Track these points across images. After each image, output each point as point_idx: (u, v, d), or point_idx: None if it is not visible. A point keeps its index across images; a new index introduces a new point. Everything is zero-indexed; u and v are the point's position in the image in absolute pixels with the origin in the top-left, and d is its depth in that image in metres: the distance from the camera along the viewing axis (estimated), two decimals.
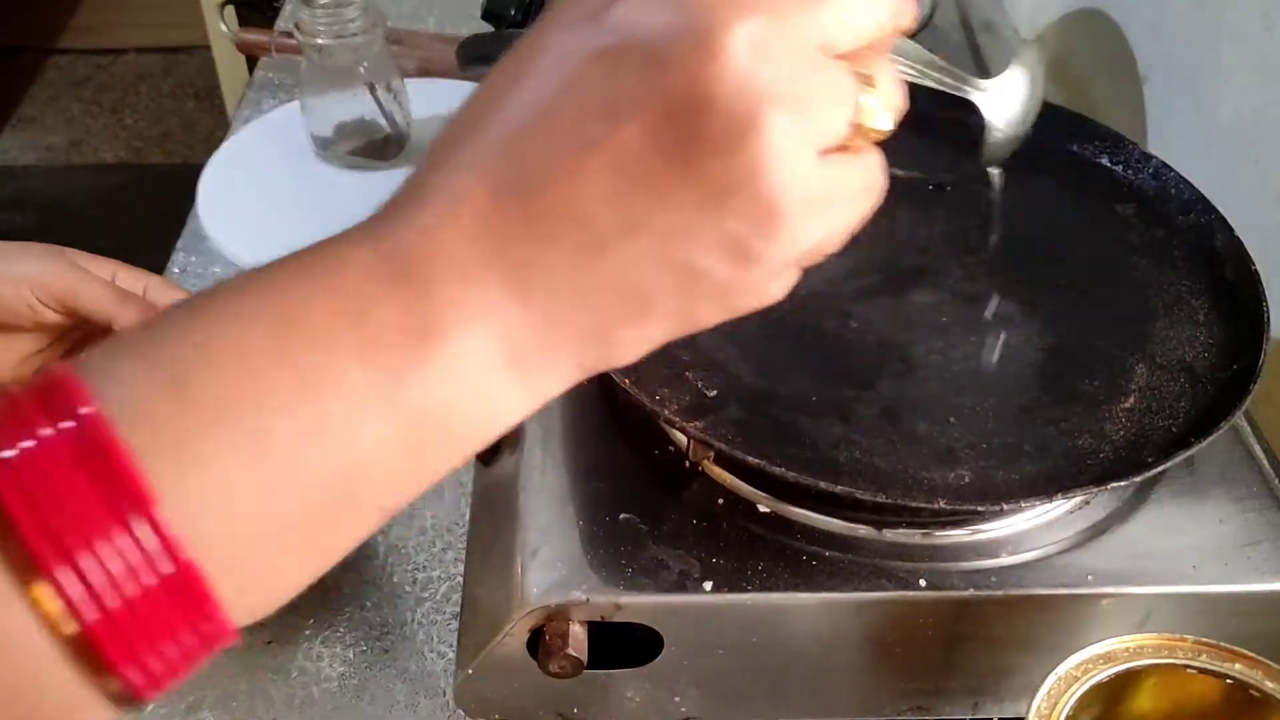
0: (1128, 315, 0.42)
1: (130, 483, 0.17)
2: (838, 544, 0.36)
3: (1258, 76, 0.49)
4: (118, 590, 0.17)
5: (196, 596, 0.17)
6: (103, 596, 0.16)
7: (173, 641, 0.17)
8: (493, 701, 0.37)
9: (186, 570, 0.17)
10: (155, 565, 0.17)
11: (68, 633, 0.17)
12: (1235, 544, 0.36)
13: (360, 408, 0.19)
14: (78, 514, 0.16)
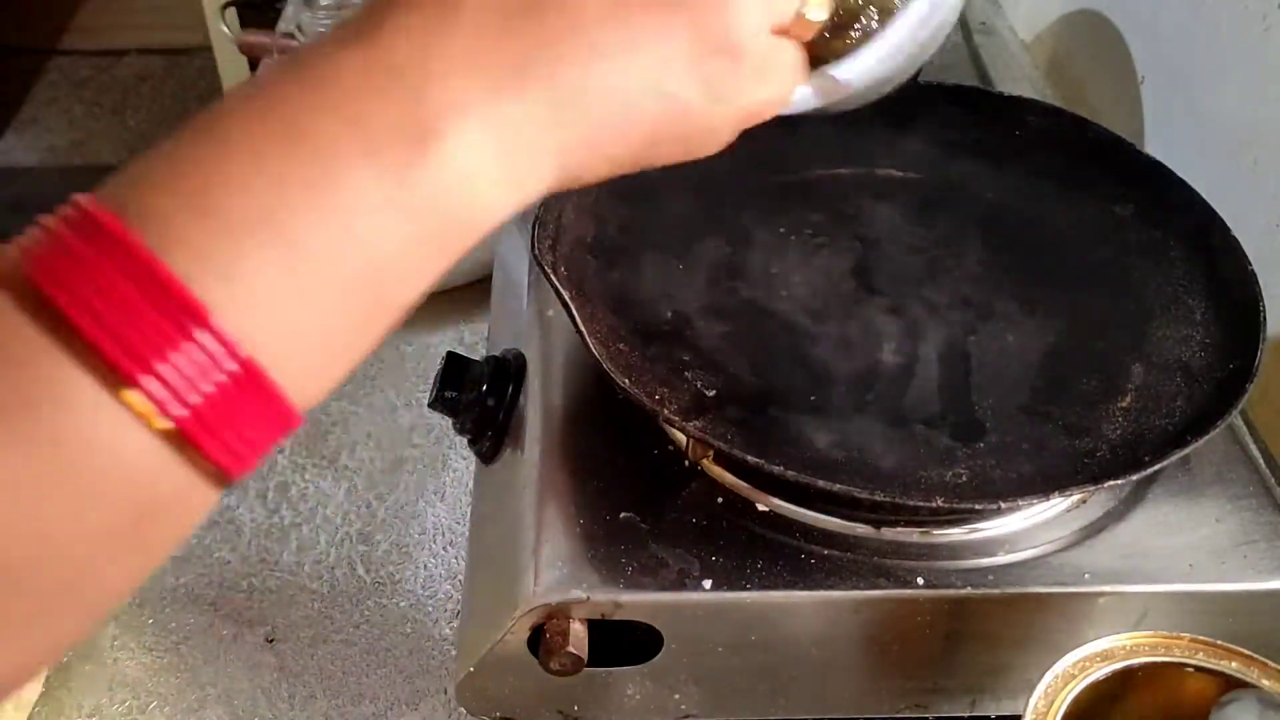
0: (1125, 315, 0.42)
1: (183, 299, 0.19)
2: (836, 543, 0.36)
3: (1255, 77, 0.49)
4: (195, 388, 0.19)
5: (261, 388, 0.20)
6: (185, 395, 0.19)
7: (249, 427, 0.20)
8: (494, 699, 0.37)
9: (248, 366, 0.19)
10: (221, 365, 0.19)
11: (162, 428, 0.19)
12: (1232, 543, 0.36)
13: (375, 208, 0.21)
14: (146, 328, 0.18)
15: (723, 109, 0.24)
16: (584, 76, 0.22)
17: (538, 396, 0.41)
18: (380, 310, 0.22)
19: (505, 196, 0.23)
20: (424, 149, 0.21)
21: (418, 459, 0.56)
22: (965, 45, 0.64)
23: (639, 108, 0.23)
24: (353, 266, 0.21)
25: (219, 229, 0.19)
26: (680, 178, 0.48)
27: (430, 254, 0.22)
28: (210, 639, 0.48)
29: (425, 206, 0.21)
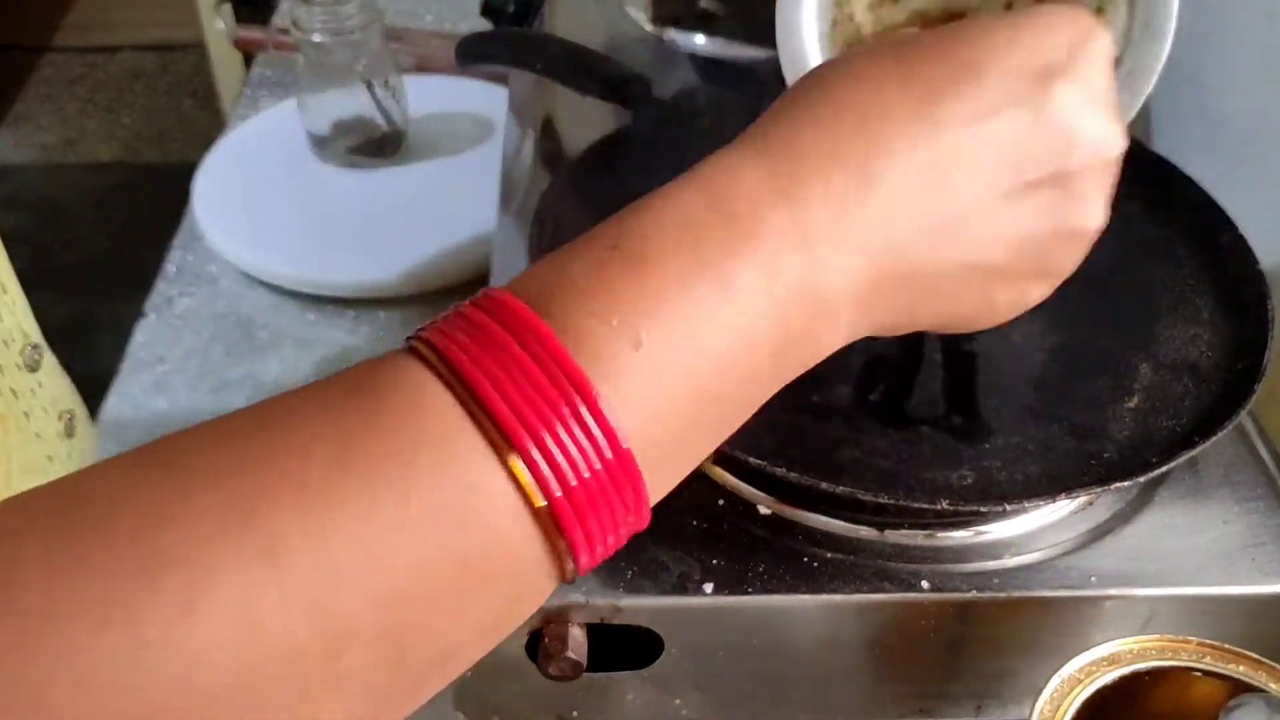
0: (1132, 314, 0.42)
1: (578, 380, 0.19)
2: (839, 545, 0.36)
3: (1263, 74, 0.49)
4: (575, 470, 0.19)
5: (632, 481, 0.20)
6: (565, 474, 0.19)
7: (611, 520, 0.20)
8: (492, 704, 0.37)
9: (624, 458, 0.20)
10: (601, 451, 0.20)
11: (538, 505, 0.19)
12: (1239, 545, 0.36)
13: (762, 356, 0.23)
14: (539, 401, 0.19)
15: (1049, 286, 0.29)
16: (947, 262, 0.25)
17: None
18: (726, 430, 0.24)
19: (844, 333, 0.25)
20: (811, 316, 0.23)
21: None
22: None
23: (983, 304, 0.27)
24: (727, 392, 0.23)
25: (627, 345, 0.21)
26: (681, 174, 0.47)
27: (773, 389, 0.24)
28: None
29: (793, 356, 0.24)
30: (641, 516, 0.21)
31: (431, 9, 0.89)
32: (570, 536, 0.20)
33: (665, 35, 0.59)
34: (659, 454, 0.21)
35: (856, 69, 0.25)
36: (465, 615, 0.20)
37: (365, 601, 0.18)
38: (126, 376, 0.59)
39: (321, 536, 0.18)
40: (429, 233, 0.65)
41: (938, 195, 0.24)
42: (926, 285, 0.25)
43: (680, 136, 0.49)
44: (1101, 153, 0.26)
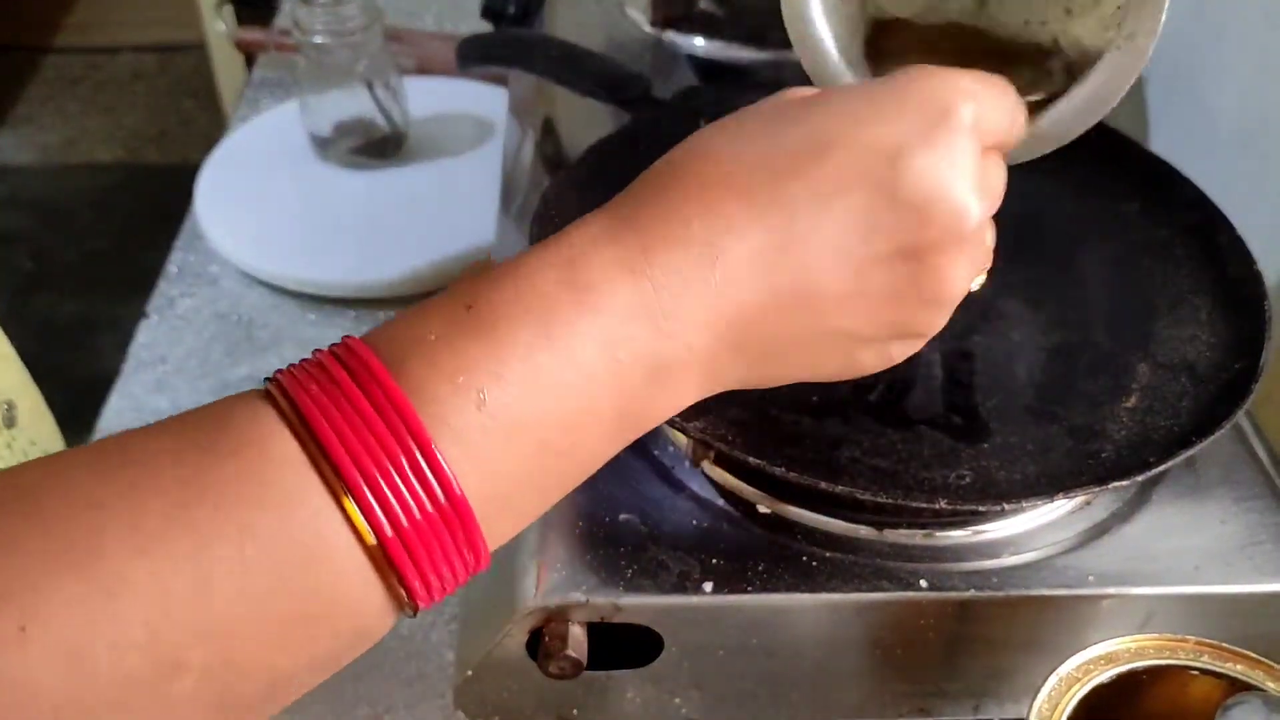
0: (1130, 315, 0.42)
1: (414, 427, 0.21)
2: (838, 545, 0.36)
3: (1260, 74, 0.49)
4: (408, 511, 0.21)
5: (465, 526, 0.22)
6: (397, 515, 0.21)
7: (445, 561, 0.22)
8: (492, 703, 0.37)
9: (458, 503, 0.21)
10: (435, 496, 0.21)
11: (370, 543, 0.21)
12: (1237, 544, 0.36)
13: (605, 420, 0.24)
14: (373, 445, 0.20)
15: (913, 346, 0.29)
16: (796, 337, 0.26)
17: None
18: (570, 483, 0.25)
19: (690, 397, 0.27)
20: (659, 385, 0.25)
21: None
22: None
23: (827, 362, 0.28)
24: (569, 454, 0.24)
25: (470, 405, 0.22)
26: None
27: (616, 450, 0.26)
28: None
29: (640, 423, 0.25)
30: (480, 559, 0.23)
31: (432, 10, 0.89)
32: (403, 573, 0.21)
33: (665, 36, 0.59)
34: (499, 505, 0.23)
35: (710, 147, 0.26)
36: (299, 649, 0.21)
37: (196, 635, 0.19)
38: (128, 376, 0.60)
39: (157, 573, 0.19)
40: (429, 233, 0.65)
41: (785, 269, 0.25)
42: (780, 350, 0.26)
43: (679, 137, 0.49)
44: (956, 228, 0.26)
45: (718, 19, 0.61)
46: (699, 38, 0.58)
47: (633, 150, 0.48)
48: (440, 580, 0.22)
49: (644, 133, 0.48)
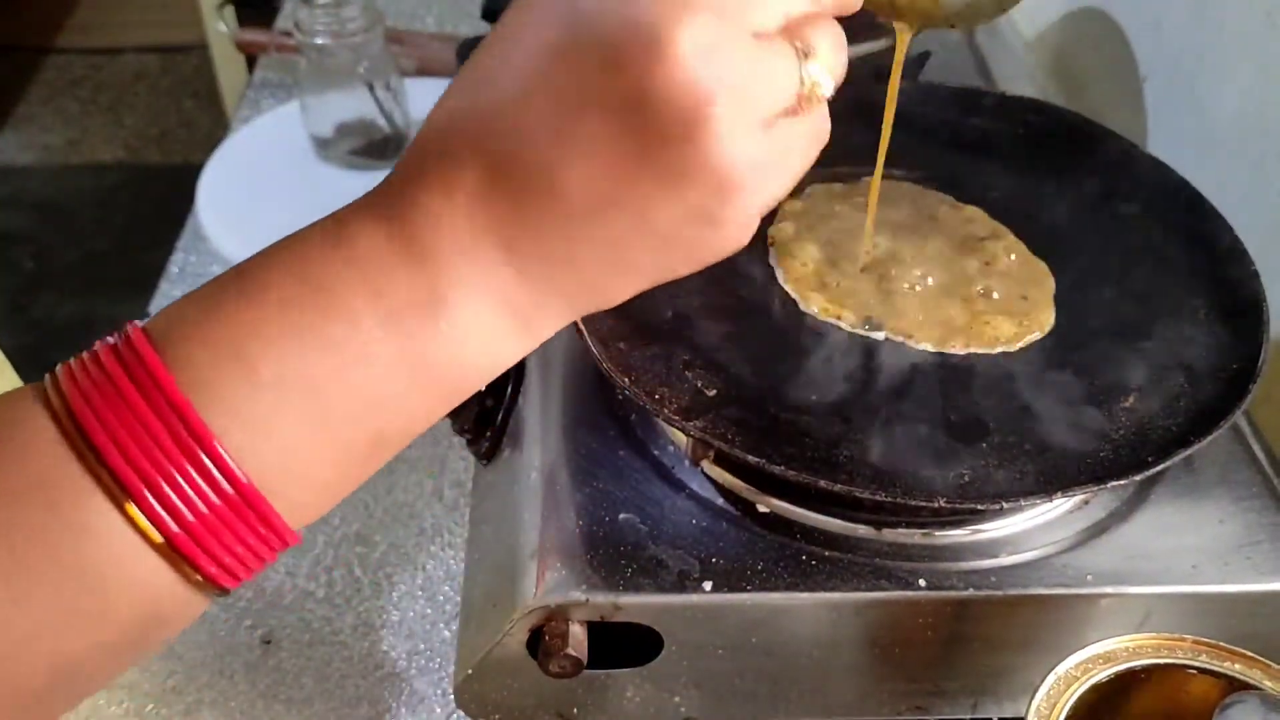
0: (1128, 315, 0.42)
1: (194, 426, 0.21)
2: (837, 544, 0.36)
3: (1259, 76, 0.49)
4: (193, 508, 0.21)
5: (259, 512, 0.22)
6: (181, 513, 0.21)
7: (242, 544, 0.22)
8: (492, 701, 0.37)
9: (247, 492, 0.22)
10: (220, 488, 0.21)
11: (157, 541, 0.21)
12: (1235, 544, 0.36)
13: (387, 366, 0.23)
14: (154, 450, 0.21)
15: (725, 230, 0.24)
16: (570, 244, 0.24)
17: (537, 396, 0.41)
18: (381, 449, 0.25)
19: (517, 345, 0.25)
20: (434, 319, 0.23)
21: (416, 459, 0.56)
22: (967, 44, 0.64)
23: (630, 254, 0.24)
24: (361, 414, 0.23)
25: (242, 375, 0.22)
26: None
27: (440, 398, 0.25)
28: (207, 640, 0.48)
29: (431, 367, 0.24)
30: (282, 536, 0.23)
31: (433, 12, 0.90)
32: (198, 564, 0.22)
33: None
34: (294, 478, 0.23)
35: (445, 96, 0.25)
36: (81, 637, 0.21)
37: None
38: None
39: None
40: None
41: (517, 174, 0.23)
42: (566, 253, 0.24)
43: None
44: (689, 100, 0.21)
45: None
46: None
47: None
48: (241, 563, 0.22)
49: None
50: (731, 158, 0.22)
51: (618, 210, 0.23)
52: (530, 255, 0.24)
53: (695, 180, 0.22)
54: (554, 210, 0.23)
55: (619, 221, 0.23)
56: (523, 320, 0.24)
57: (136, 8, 2.08)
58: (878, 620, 0.35)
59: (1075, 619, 0.36)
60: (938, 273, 0.43)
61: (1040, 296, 0.42)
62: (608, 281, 0.25)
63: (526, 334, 0.25)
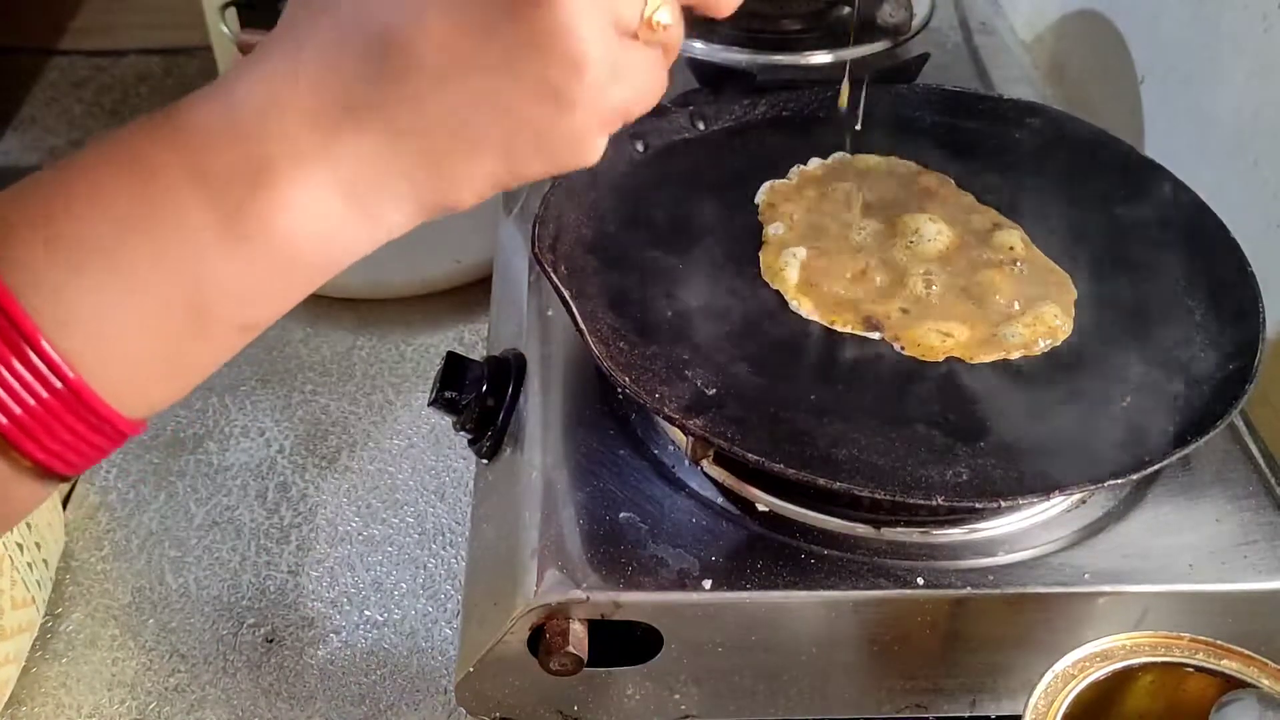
0: (1125, 316, 0.42)
1: (18, 320, 0.21)
2: (836, 543, 0.36)
3: (1256, 77, 0.49)
4: (19, 400, 0.21)
5: (88, 402, 0.22)
6: (8, 406, 0.21)
7: (76, 435, 0.22)
8: (493, 699, 0.37)
9: (74, 385, 0.22)
10: (47, 381, 0.21)
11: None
12: (1231, 543, 0.36)
13: (208, 242, 0.22)
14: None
15: (573, 118, 0.24)
16: (417, 107, 0.23)
17: (538, 396, 0.41)
18: (217, 333, 0.24)
19: (357, 230, 0.24)
20: (257, 189, 0.22)
21: (417, 459, 0.56)
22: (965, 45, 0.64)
23: (478, 127, 0.24)
24: (185, 295, 0.23)
25: (60, 257, 0.22)
26: (680, 178, 0.48)
27: (272, 284, 0.24)
28: (210, 639, 0.48)
29: (263, 242, 0.23)
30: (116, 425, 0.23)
31: None
32: (28, 453, 0.22)
33: None
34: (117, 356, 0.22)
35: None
36: None
37: None
38: None
39: None
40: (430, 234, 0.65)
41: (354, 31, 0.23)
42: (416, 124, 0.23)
43: (678, 139, 0.50)
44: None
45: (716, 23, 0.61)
46: (697, 41, 0.59)
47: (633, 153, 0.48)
48: (75, 451, 0.22)
49: (644, 135, 0.49)
50: (579, 33, 0.23)
51: (467, 74, 0.23)
52: (373, 123, 0.23)
53: (545, 49, 0.23)
54: (404, 71, 0.23)
55: (467, 86, 0.23)
56: (359, 201, 0.23)
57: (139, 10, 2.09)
58: (876, 618, 0.36)
59: (1073, 617, 0.36)
60: (944, 273, 0.43)
61: (1058, 310, 0.41)
62: (451, 159, 0.24)
63: (365, 218, 0.24)
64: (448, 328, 0.64)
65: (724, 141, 0.50)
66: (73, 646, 0.48)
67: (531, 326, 0.44)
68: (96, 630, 0.48)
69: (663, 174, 0.48)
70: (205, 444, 0.57)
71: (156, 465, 0.56)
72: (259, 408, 0.59)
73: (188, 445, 0.57)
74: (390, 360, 0.62)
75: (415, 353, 0.62)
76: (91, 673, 0.47)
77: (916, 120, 0.51)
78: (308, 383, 0.61)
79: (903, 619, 0.36)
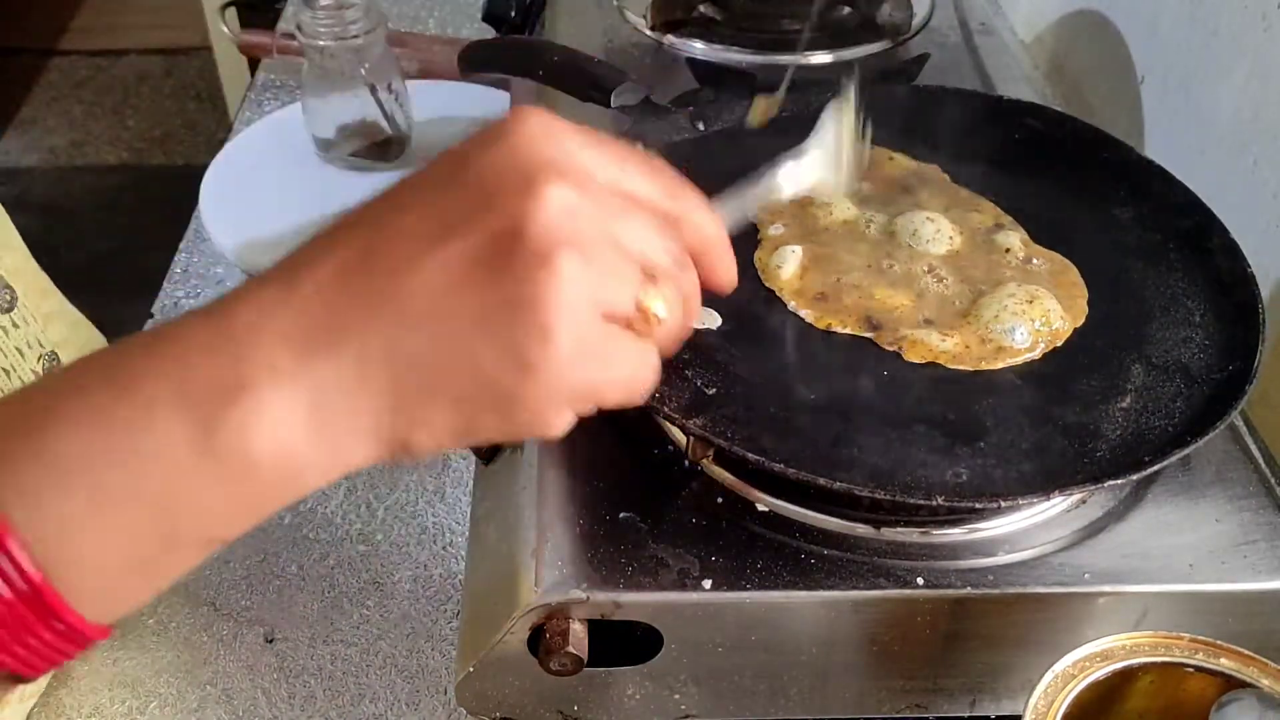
0: (1125, 316, 0.42)
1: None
2: (836, 543, 0.36)
3: (1255, 77, 0.49)
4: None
5: (51, 606, 0.22)
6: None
7: (36, 638, 0.22)
8: (493, 699, 0.37)
9: (40, 588, 0.22)
10: (13, 584, 0.22)
11: None
12: (1232, 543, 0.37)
13: (182, 456, 0.23)
14: None
15: (535, 386, 0.24)
16: (392, 340, 0.24)
17: None
18: (184, 546, 0.24)
19: (321, 457, 0.24)
20: (234, 403, 0.23)
21: None
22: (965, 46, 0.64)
23: (445, 375, 0.24)
24: (156, 508, 0.23)
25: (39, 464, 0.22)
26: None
27: (238, 502, 0.24)
28: (210, 639, 0.48)
29: (234, 459, 0.23)
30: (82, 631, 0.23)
31: (434, 14, 0.90)
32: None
33: (664, 41, 0.60)
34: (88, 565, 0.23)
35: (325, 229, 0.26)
36: None
37: None
38: None
39: None
40: None
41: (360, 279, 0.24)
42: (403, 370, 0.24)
43: (679, 141, 0.50)
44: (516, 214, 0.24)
45: (717, 23, 0.61)
46: (698, 42, 0.59)
47: None
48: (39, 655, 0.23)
49: (644, 137, 0.49)
50: (558, 305, 0.24)
51: (445, 321, 0.24)
52: (348, 348, 0.24)
53: (520, 313, 0.24)
54: (392, 310, 0.24)
55: (443, 331, 0.24)
56: (327, 429, 0.24)
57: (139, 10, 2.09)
58: (876, 618, 0.36)
59: (1072, 617, 0.36)
60: (944, 273, 0.43)
61: (1059, 310, 0.41)
62: (417, 404, 0.24)
63: (330, 447, 0.24)
64: None
65: (724, 142, 0.50)
66: None
67: None
68: None
69: None
70: None
71: None
72: None
73: None
74: None
75: None
76: (91, 672, 0.47)
77: (916, 120, 0.51)
78: None
79: (903, 619, 0.36)
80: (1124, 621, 0.36)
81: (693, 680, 0.37)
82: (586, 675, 0.35)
